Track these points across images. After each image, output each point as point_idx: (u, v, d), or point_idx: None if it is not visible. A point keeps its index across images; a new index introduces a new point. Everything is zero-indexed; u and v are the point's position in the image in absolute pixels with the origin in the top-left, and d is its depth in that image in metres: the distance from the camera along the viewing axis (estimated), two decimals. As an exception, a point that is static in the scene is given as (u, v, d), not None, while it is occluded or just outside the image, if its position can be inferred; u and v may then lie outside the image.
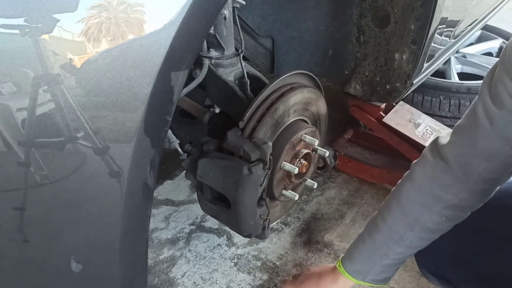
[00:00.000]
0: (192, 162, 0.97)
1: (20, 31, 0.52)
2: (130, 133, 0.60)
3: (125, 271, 0.74)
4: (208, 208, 1.04)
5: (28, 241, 0.66)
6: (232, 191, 0.91)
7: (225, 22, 0.99)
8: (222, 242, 1.48)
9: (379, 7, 1.26)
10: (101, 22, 0.55)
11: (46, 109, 0.56)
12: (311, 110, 1.11)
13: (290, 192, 1.06)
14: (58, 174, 0.61)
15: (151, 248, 1.45)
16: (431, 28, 1.20)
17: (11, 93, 0.54)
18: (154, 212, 1.61)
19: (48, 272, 0.72)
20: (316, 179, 1.77)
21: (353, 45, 1.39)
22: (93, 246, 0.70)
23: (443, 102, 1.83)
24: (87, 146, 0.59)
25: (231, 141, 0.92)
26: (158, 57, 0.58)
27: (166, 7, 0.59)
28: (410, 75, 1.32)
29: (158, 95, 0.61)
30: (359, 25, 1.34)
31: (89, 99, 0.57)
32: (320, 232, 1.52)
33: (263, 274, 1.35)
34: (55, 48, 0.54)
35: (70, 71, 0.55)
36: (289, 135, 1.00)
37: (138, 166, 0.64)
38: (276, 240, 1.49)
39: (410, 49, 1.27)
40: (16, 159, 0.58)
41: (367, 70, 1.41)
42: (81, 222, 0.67)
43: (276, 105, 0.96)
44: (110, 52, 0.56)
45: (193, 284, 1.33)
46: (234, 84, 1.03)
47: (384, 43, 1.32)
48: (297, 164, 1.03)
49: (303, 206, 1.64)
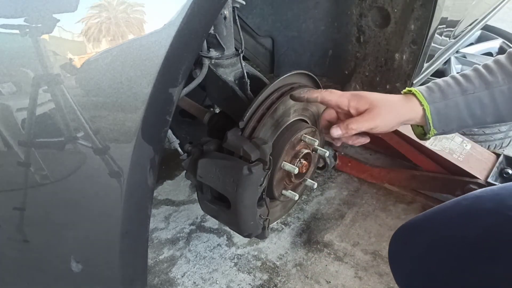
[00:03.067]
0: (192, 162, 0.97)
1: (20, 31, 0.52)
2: (130, 133, 0.60)
3: (125, 271, 0.74)
4: (208, 208, 1.04)
5: (28, 241, 0.66)
6: (232, 191, 0.91)
7: (225, 22, 0.99)
8: (222, 242, 1.48)
9: (379, 7, 1.26)
10: (101, 22, 0.55)
11: (46, 109, 0.56)
12: (311, 110, 1.11)
13: (290, 192, 1.06)
14: (58, 174, 0.61)
15: (151, 248, 1.45)
16: (431, 28, 1.20)
17: (11, 93, 0.54)
18: (154, 212, 1.61)
19: (48, 272, 0.72)
20: (316, 179, 1.77)
21: (353, 45, 1.39)
22: (93, 246, 0.70)
23: (443, 102, 1.83)
24: (87, 146, 0.59)
25: (231, 141, 0.92)
26: (158, 57, 0.58)
27: (166, 7, 0.59)
28: (410, 75, 1.32)
29: (158, 95, 0.61)
30: (359, 25, 1.34)
31: (89, 99, 0.57)
32: (320, 232, 1.52)
33: (263, 274, 1.35)
34: (55, 48, 0.54)
35: (70, 71, 0.55)
36: (289, 135, 1.00)
37: (138, 166, 0.64)
38: (276, 240, 1.49)
39: (410, 49, 1.27)
40: (16, 159, 0.58)
41: (367, 70, 1.41)
42: (81, 222, 0.67)
43: (276, 105, 0.96)
44: (110, 52, 0.56)
45: (193, 284, 1.33)
46: (234, 84, 1.03)
47: (384, 43, 1.32)
48: (297, 164, 1.03)
49: (303, 206, 1.64)
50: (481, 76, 0.79)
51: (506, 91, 0.77)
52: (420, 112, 0.80)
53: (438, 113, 0.80)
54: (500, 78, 0.78)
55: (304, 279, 1.34)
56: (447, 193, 1.56)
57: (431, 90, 0.81)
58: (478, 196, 0.84)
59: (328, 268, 1.37)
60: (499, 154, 1.58)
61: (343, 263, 1.39)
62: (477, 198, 0.83)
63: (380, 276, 1.33)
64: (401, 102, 0.81)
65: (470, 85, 0.79)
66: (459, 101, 0.79)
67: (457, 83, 0.80)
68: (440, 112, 0.80)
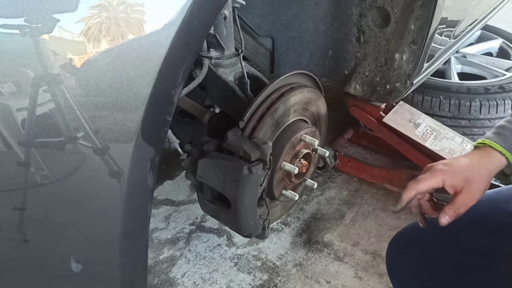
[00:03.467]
0: (192, 162, 0.97)
1: (20, 31, 0.52)
2: (130, 133, 0.60)
3: (125, 271, 0.74)
4: (208, 208, 1.04)
5: (28, 241, 0.66)
6: (232, 191, 0.91)
7: (225, 22, 0.99)
8: (222, 242, 1.48)
9: (379, 7, 1.26)
10: (101, 22, 0.55)
11: (46, 109, 0.56)
12: (311, 110, 1.11)
13: (290, 192, 1.06)
14: (58, 174, 0.61)
15: (151, 248, 1.45)
16: (431, 28, 1.20)
17: (11, 93, 0.54)
18: (154, 212, 1.61)
19: (48, 272, 0.72)
20: (316, 179, 1.77)
21: (353, 45, 1.39)
22: (93, 246, 0.70)
23: (443, 102, 1.83)
24: (87, 146, 0.59)
25: (231, 141, 0.92)
26: (158, 57, 0.58)
27: (166, 7, 0.59)
28: (410, 75, 1.32)
29: (158, 95, 0.61)
30: (359, 25, 1.34)
31: (89, 99, 0.57)
32: (320, 232, 1.52)
33: (263, 274, 1.35)
34: (55, 48, 0.54)
35: (70, 71, 0.55)
36: (289, 135, 1.00)
37: (138, 166, 0.64)
38: (276, 240, 1.49)
39: (410, 49, 1.27)
40: (16, 159, 0.58)
41: (367, 70, 1.41)
42: (81, 222, 0.67)
43: (276, 105, 0.96)
44: (110, 52, 0.56)
45: (193, 284, 1.33)
46: (234, 84, 1.03)
47: (384, 43, 1.32)
48: (297, 164, 1.03)
49: (303, 206, 1.64)
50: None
51: None
52: (503, 162, 0.81)
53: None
54: None
55: (304, 279, 1.34)
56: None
57: (503, 136, 0.82)
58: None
59: (328, 268, 1.37)
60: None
61: (343, 263, 1.39)
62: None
63: (380, 276, 1.33)
64: (486, 162, 0.82)
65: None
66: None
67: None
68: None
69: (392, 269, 0.93)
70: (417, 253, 0.88)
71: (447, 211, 0.76)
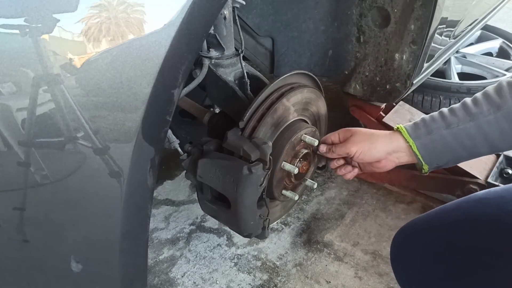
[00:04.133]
0: (192, 162, 0.97)
1: (20, 31, 0.52)
2: (130, 133, 0.60)
3: (125, 271, 0.74)
4: (208, 208, 1.04)
5: (28, 241, 0.66)
6: (232, 191, 0.91)
7: (225, 22, 0.98)
8: (222, 242, 1.48)
9: (379, 7, 1.26)
10: (101, 22, 0.55)
11: (46, 109, 0.56)
12: (311, 110, 1.11)
13: (290, 192, 1.06)
14: (58, 174, 0.61)
15: (151, 248, 1.45)
16: (431, 28, 1.20)
17: (11, 93, 0.54)
18: (154, 212, 1.61)
19: (48, 272, 0.72)
20: (316, 179, 1.77)
21: (353, 45, 1.39)
22: (93, 246, 0.70)
23: (443, 102, 1.83)
24: (87, 146, 0.59)
25: (231, 141, 0.92)
26: (158, 57, 0.58)
27: (166, 7, 0.59)
28: (410, 75, 1.32)
29: (158, 95, 0.61)
30: (359, 25, 1.34)
31: (89, 99, 0.57)
32: (320, 232, 1.52)
33: (263, 274, 1.35)
34: (55, 48, 0.54)
35: (70, 71, 0.55)
36: (289, 135, 1.00)
37: (138, 166, 0.64)
38: (276, 240, 1.49)
39: (410, 49, 1.27)
40: (16, 159, 0.58)
41: (367, 70, 1.41)
42: (81, 222, 0.67)
43: (276, 105, 0.96)
44: (110, 52, 0.56)
45: (193, 284, 1.33)
46: (234, 84, 1.03)
47: (384, 43, 1.32)
48: (297, 164, 1.03)
49: (303, 206, 1.64)
50: (465, 108, 0.82)
51: (492, 121, 0.78)
52: (406, 148, 0.87)
53: (425, 148, 0.84)
54: (485, 109, 0.79)
55: (304, 279, 1.34)
56: (447, 193, 1.56)
57: (416, 126, 0.86)
58: (481, 199, 0.83)
59: (328, 268, 1.37)
60: (499, 154, 1.58)
61: (343, 263, 1.39)
62: (479, 201, 0.83)
63: (380, 276, 1.33)
64: (385, 136, 0.90)
65: (454, 118, 0.82)
66: (444, 134, 0.82)
67: (442, 117, 0.83)
68: (427, 147, 0.84)
69: (396, 263, 0.93)
70: (421, 247, 0.87)
71: (324, 147, 0.98)
